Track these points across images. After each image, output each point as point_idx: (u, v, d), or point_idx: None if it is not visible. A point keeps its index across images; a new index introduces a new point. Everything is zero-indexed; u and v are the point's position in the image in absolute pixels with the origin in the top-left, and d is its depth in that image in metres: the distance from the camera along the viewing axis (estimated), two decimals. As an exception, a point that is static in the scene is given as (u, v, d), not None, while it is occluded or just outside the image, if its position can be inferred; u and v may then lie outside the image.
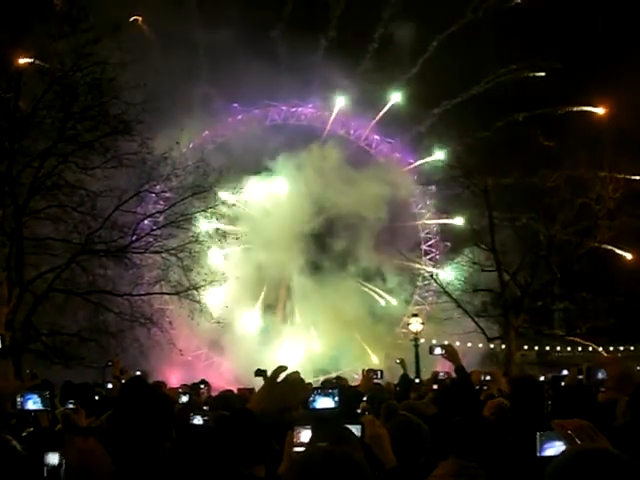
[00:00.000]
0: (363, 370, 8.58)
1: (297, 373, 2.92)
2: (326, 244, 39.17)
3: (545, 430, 3.11)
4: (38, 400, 4.87)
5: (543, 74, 35.37)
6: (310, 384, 5.00)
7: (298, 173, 37.45)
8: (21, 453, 2.66)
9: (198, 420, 6.04)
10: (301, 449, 3.24)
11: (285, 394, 2.77)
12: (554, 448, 3.09)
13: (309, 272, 38.60)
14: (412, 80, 37.92)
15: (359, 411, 7.08)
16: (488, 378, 8.82)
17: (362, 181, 36.64)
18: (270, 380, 2.86)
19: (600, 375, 3.87)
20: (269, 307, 38.88)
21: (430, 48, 37.26)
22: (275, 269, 37.80)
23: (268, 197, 38.74)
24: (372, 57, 38.05)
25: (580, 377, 9.24)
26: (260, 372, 10.95)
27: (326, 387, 3.91)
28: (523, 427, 3.28)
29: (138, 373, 11.37)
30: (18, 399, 4.90)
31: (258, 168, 37.16)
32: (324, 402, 3.47)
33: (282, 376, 2.92)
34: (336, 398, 3.48)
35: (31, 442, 4.85)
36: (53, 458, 3.60)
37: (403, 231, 39.40)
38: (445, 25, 36.83)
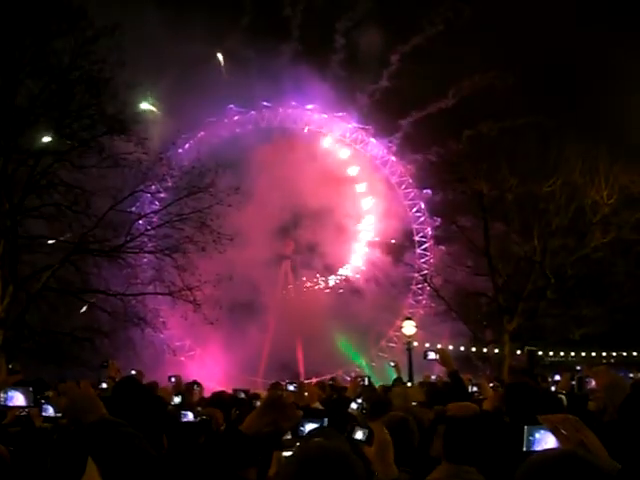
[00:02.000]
0: (353, 376, 8.66)
1: (289, 397, 2.96)
2: (300, 241, 39.25)
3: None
4: (22, 397, 4.78)
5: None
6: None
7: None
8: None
9: (189, 417, 6.01)
10: (289, 453, 3.27)
11: (277, 418, 2.78)
12: (542, 442, 3.11)
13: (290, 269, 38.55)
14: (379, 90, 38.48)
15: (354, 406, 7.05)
16: (475, 389, 8.65)
17: (353, 184, 36.64)
18: (263, 404, 2.88)
19: (590, 384, 3.89)
20: (240, 305, 38.33)
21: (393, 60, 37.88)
22: (246, 265, 37.07)
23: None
24: (339, 66, 39.12)
25: (574, 383, 9.21)
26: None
27: (314, 414, 3.90)
28: (518, 432, 3.27)
29: (133, 372, 11.29)
30: (1, 395, 4.83)
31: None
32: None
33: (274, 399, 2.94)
34: (325, 426, 3.48)
35: (21, 442, 4.84)
36: None
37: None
38: (406, 37, 37.62)
